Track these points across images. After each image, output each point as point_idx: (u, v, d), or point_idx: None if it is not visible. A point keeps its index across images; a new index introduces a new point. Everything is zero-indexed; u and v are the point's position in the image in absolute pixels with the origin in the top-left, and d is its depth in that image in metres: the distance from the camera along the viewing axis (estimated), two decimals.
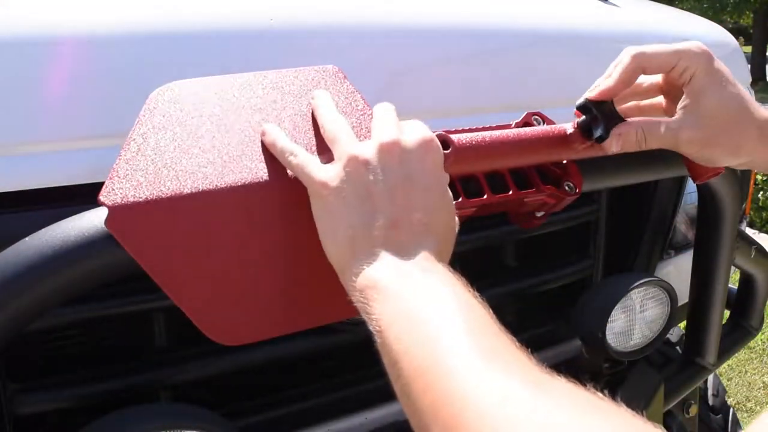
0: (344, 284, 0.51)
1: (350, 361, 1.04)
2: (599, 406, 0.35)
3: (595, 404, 0.35)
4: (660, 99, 0.75)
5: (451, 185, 0.64)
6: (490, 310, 0.44)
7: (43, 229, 0.55)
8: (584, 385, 0.38)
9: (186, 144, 0.57)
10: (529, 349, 0.43)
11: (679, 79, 0.66)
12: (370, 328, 0.46)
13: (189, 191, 0.54)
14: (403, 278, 0.47)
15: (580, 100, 0.68)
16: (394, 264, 0.48)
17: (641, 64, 0.65)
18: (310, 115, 0.63)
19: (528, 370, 0.39)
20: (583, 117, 0.68)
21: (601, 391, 0.37)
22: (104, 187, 0.53)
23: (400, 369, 0.43)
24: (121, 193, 0.52)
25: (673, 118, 0.66)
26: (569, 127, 0.69)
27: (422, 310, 0.44)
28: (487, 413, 0.35)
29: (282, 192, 0.57)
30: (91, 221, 0.54)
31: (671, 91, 0.72)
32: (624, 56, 0.66)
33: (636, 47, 0.66)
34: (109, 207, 0.52)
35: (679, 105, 0.67)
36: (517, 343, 0.41)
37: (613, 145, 0.65)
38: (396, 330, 0.44)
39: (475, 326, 0.42)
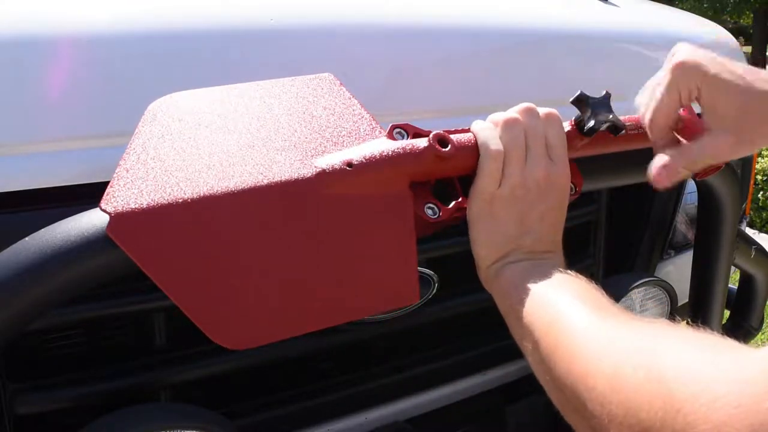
0: (482, 275, 0.66)
1: (350, 361, 1.04)
2: (681, 332, 0.46)
3: (679, 331, 0.46)
4: None
5: (451, 185, 0.64)
6: (603, 292, 0.57)
7: (43, 229, 0.55)
8: None
9: (185, 152, 0.57)
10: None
11: (690, 100, 0.66)
12: (503, 309, 0.63)
13: (189, 197, 0.54)
14: (536, 276, 0.60)
15: (576, 94, 0.68)
16: (532, 268, 0.62)
17: (662, 125, 0.67)
18: (307, 122, 0.63)
19: (617, 313, 0.53)
20: (579, 114, 0.68)
21: None
22: (105, 194, 0.53)
23: (532, 331, 0.56)
24: (122, 201, 0.52)
25: (705, 136, 0.66)
26: (566, 125, 0.69)
27: (546, 293, 0.58)
28: (591, 345, 0.49)
29: (282, 196, 0.57)
30: (90, 221, 0.54)
31: None
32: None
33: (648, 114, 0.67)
34: (111, 214, 0.52)
35: (704, 119, 0.67)
36: (616, 305, 0.55)
37: (664, 181, 0.66)
38: (529, 306, 0.58)
39: (586, 297, 0.55)
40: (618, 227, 1.23)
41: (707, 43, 1.27)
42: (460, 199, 0.63)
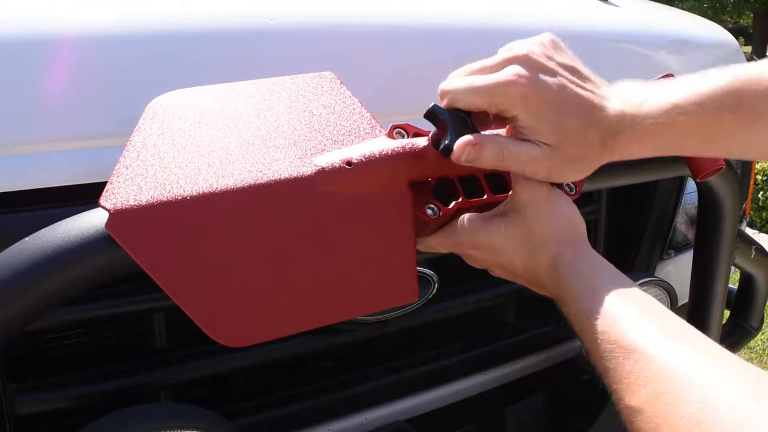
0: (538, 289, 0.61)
1: (350, 361, 1.04)
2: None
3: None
4: None
5: (452, 185, 0.64)
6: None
7: (43, 229, 0.55)
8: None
9: (185, 149, 0.57)
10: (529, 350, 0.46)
11: (505, 116, 0.58)
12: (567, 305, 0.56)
13: (189, 194, 0.54)
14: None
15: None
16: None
17: (452, 102, 0.59)
18: (307, 120, 0.63)
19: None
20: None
21: (601, 392, 0.38)
22: (105, 191, 0.53)
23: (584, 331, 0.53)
24: (121, 197, 0.52)
25: (526, 143, 0.58)
26: None
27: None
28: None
29: (281, 194, 0.57)
30: (90, 221, 0.54)
31: None
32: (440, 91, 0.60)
33: (449, 83, 0.59)
34: (110, 211, 0.52)
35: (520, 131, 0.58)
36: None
37: (463, 155, 0.57)
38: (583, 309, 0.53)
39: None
40: (618, 227, 1.23)
41: (707, 44, 1.27)
42: (460, 200, 0.63)
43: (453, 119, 0.60)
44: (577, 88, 0.57)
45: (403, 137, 0.64)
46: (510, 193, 0.63)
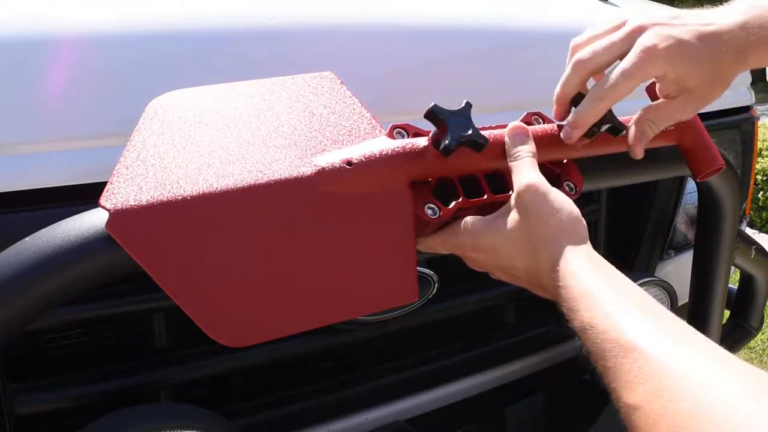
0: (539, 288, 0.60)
1: (350, 361, 1.04)
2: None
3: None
4: None
5: (452, 185, 0.64)
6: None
7: (43, 229, 0.55)
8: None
9: (185, 149, 0.57)
10: (529, 350, 0.47)
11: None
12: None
13: (189, 195, 0.54)
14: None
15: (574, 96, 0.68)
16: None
17: (585, 70, 0.66)
18: (307, 120, 0.64)
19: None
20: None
21: (601, 392, 0.38)
22: (105, 191, 0.53)
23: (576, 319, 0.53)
24: (122, 197, 0.53)
25: (671, 102, 0.67)
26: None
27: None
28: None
29: (281, 194, 0.57)
30: (90, 221, 0.54)
31: None
32: (567, 66, 0.68)
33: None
34: (110, 211, 0.52)
35: (663, 86, 0.67)
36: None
37: (640, 149, 0.69)
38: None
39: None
40: (618, 227, 1.23)
41: None
42: (460, 200, 0.63)
43: (453, 119, 0.60)
44: (695, 26, 0.63)
45: (403, 137, 0.64)
46: (510, 193, 0.64)
